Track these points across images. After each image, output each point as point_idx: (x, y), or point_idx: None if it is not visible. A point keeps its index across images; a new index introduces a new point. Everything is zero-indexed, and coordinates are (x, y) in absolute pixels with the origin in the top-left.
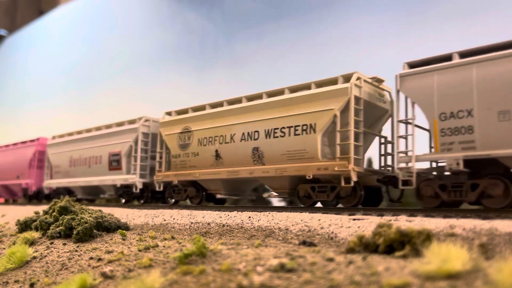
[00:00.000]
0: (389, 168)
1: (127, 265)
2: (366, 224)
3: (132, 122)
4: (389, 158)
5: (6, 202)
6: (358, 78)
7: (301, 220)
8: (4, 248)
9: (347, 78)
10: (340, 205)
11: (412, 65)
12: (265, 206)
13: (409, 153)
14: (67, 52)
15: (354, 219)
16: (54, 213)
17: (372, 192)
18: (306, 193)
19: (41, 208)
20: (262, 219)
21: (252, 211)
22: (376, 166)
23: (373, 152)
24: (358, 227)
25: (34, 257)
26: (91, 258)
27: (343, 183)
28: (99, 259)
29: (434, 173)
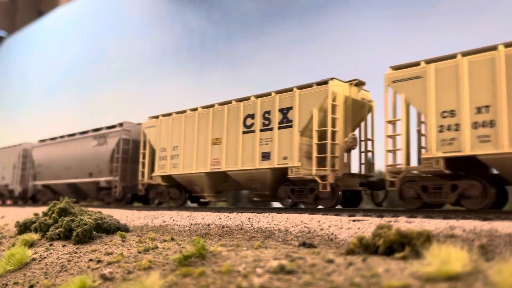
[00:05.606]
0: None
1: (126, 267)
2: (366, 225)
3: None
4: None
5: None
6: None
7: (301, 222)
8: (3, 250)
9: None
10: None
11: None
12: (265, 207)
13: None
14: (67, 53)
15: (354, 220)
16: (54, 215)
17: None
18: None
19: (40, 209)
20: (262, 220)
21: (251, 213)
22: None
23: None
24: (358, 228)
25: (34, 259)
26: (91, 260)
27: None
28: (99, 261)
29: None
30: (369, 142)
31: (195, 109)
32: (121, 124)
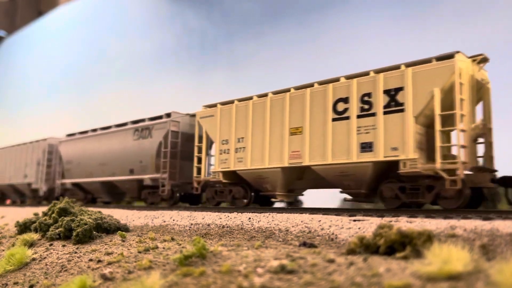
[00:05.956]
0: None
1: (126, 267)
2: (367, 225)
3: None
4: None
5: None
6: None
7: (301, 221)
8: (3, 250)
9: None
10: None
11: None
12: (265, 207)
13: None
14: (67, 53)
15: (354, 220)
16: (54, 215)
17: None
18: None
19: (41, 209)
20: (262, 220)
21: (252, 212)
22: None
23: None
24: (359, 228)
25: (34, 259)
26: (91, 259)
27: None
28: (99, 261)
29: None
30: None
31: (264, 95)
32: (168, 115)
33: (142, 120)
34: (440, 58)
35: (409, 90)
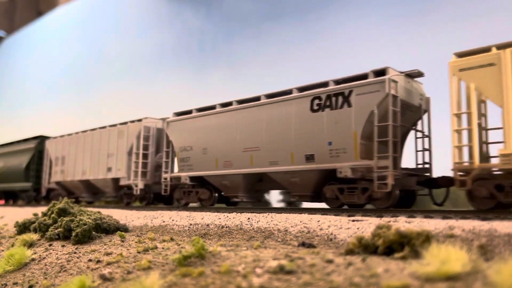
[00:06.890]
0: None
1: (126, 267)
2: (365, 225)
3: None
4: None
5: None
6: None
7: (300, 221)
8: (2, 250)
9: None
10: None
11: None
12: (264, 207)
13: None
14: (66, 53)
15: (353, 220)
16: (53, 215)
17: None
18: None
19: (40, 209)
20: (261, 220)
21: (251, 213)
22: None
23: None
24: (358, 228)
25: (33, 259)
26: (90, 260)
27: None
28: (98, 261)
29: None
30: None
31: None
32: (381, 73)
33: (322, 85)
34: None
35: None
